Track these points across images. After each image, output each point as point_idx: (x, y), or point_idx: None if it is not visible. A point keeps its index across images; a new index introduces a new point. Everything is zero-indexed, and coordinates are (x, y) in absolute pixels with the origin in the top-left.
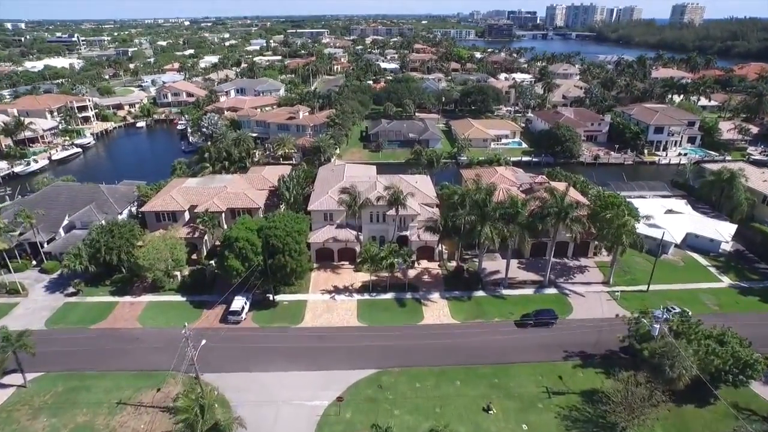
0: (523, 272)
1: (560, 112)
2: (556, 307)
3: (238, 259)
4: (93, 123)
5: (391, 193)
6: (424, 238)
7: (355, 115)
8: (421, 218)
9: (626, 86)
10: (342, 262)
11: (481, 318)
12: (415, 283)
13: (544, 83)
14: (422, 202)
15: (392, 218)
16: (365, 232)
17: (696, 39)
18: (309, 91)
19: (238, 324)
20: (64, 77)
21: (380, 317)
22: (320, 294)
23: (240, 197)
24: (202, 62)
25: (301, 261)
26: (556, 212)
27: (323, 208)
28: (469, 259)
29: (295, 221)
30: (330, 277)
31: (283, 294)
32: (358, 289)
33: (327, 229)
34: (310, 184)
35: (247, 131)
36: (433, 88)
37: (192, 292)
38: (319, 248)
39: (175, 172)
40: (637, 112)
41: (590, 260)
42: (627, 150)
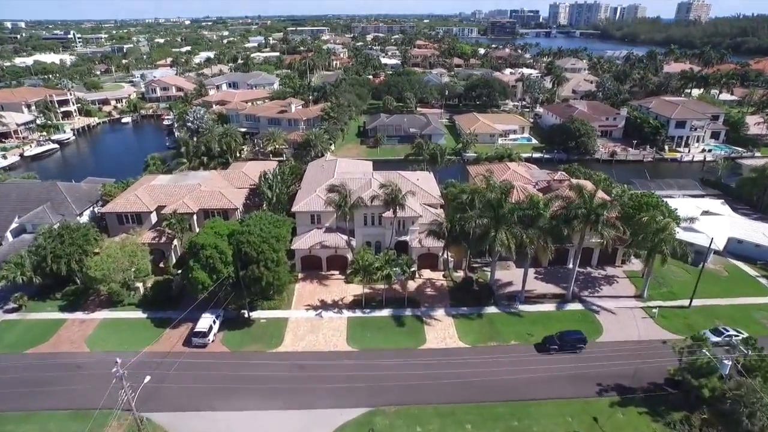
0: (542, 284)
1: (573, 105)
2: (583, 327)
3: (205, 269)
4: (74, 118)
5: (388, 192)
6: (427, 244)
7: (352, 109)
8: (424, 221)
9: (640, 79)
10: (331, 271)
11: (495, 340)
12: (415, 296)
13: (553, 76)
14: (424, 203)
15: (389, 221)
16: (358, 237)
17: (704, 36)
18: (303, 84)
19: (204, 347)
20: (53, 72)
21: (374, 339)
22: (304, 310)
23: (215, 196)
24: (197, 58)
25: (279, 273)
26: (584, 214)
27: (309, 209)
28: (479, 268)
29: (273, 225)
30: (316, 290)
31: (261, 310)
32: (348, 304)
33: (314, 233)
34: (297, 182)
35: (236, 126)
36: (435, 81)
37: (155, 307)
38: (304, 255)
39: (148, 168)
40: (656, 106)
41: (618, 269)
42: (646, 146)
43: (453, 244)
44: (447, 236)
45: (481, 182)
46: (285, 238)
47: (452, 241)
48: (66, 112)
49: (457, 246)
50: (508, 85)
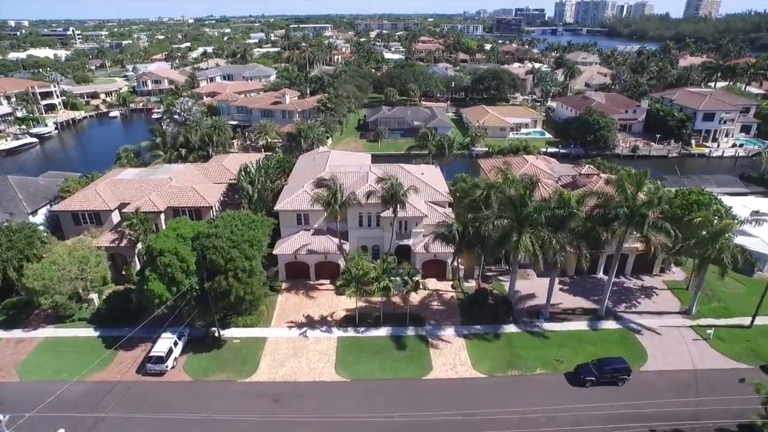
0: (568, 296)
1: (589, 97)
2: (623, 352)
3: (163, 280)
4: (58, 111)
5: (387, 187)
6: (434, 249)
7: (351, 101)
8: (429, 222)
9: (658, 71)
10: (320, 280)
11: (516, 368)
12: (419, 312)
13: (565, 68)
14: (430, 200)
15: (389, 222)
16: (352, 241)
17: (715, 32)
18: (299, 75)
19: (161, 375)
20: (44, 67)
21: (368, 367)
22: (286, 328)
23: (186, 193)
24: (194, 53)
25: (252, 285)
26: (627, 214)
27: (295, 207)
28: (493, 277)
29: (248, 226)
30: (302, 303)
31: (235, 327)
32: (339, 320)
33: (300, 236)
34: (285, 177)
35: (227, 119)
36: (441, 73)
37: (110, 323)
38: (289, 262)
39: (119, 160)
40: (681, 97)
41: (656, 279)
42: (670, 140)
43: (465, 249)
44: (458, 240)
45: (497, 176)
46: (262, 243)
47: (465, 246)
48: (50, 105)
49: (470, 252)
50: (518, 77)
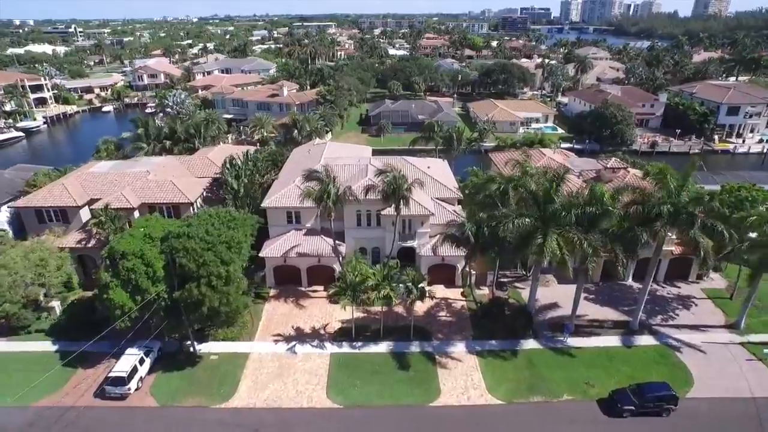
0: (594, 306)
1: (604, 90)
2: (663, 373)
3: (126, 287)
4: (49, 105)
5: (388, 180)
6: (442, 251)
7: (353, 94)
8: (437, 221)
9: (675, 65)
10: (313, 286)
11: (539, 393)
12: (425, 324)
13: (576, 62)
14: (437, 197)
15: (390, 221)
16: (349, 242)
17: (726, 29)
18: (299, 67)
19: (122, 399)
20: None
21: (366, 390)
22: (272, 341)
23: (164, 188)
24: (195, 49)
25: (229, 294)
26: (671, 212)
27: (284, 204)
28: (509, 284)
29: (227, 225)
30: (292, 313)
31: (214, 341)
32: (333, 334)
33: (291, 236)
34: (276, 171)
35: (222, 112)
36: (447, 67)
37: (71, 336)
38: (277, 265)
39: (98, 153)
40: (702, 90)
41: (693, 286)
42: (691, 136)
43: (479, 253)
44: (473, 242)
45: (514, 170)
46: (241, 244)
47: (479, 249)
48: (40, 99)
49: (484, 256)
50: (528, 71)
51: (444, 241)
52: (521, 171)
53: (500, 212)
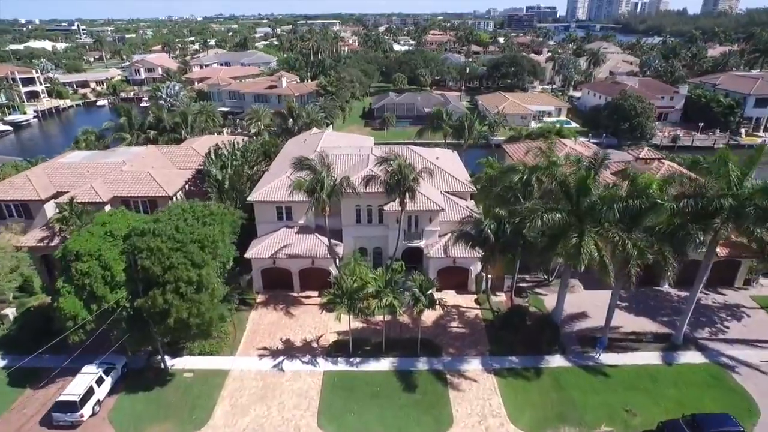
0: (627, 315)
1: (620, 82)
2: (721, 400)
3: (81, 294)
4: (42, 99)
5: (393, 169)
6: (454, 253)
7: (355, 85)
8: (447, 217)
9: (692, 57)
10: (306, 291)
11: (572, 423)
12: (434, 336)
13: (589, 55)
14: (447, 191)
15: (394, 217)
16: (348, 241)
17: (737, 26)
18: (299, 59)
19: (74, 428)
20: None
21: (364, 418)
22: (256, 356)
23: (140, 180)
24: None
25: (201, 303)
26: (733, 206)
27: (274, 197)
28: (529, 290)
29: (201, 221)
30: (280, 322)
31: (190, 355)
32: (327, 348)
33: (281, 235)
34: (268, 162)
35: (218, 105)
36: (454, 60)
37: (24, 348)
38: (266, 268)
39: (76, 144)
40: (726, 81)
41: (741, 293)
42: (715, 130)
43: (500, 254)
44: (492, 242)
45: (536, 159)
46: (217, 244)
47: (499, 250)
48: (32, 93)
49: (504, 258)
50: (539, 64)
51: (457, 240)
52: (546, 160)
53: (526, 207)
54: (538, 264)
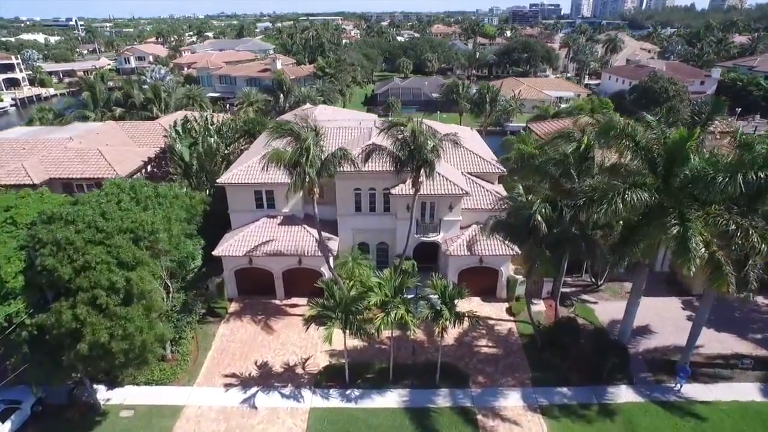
0: (707, 332)
1: (646, 65)
2: None
3: None
4: (22, 87)
5: (403, 137)
6: (481, 249)
7: (356, 69)
8: (472, 204)
9: (718, 42)
10: (293, 299)
11: None
12: (457, 359)
13: (606, 40)
14: (470, 171)
15: (405, 202)
16: (345, 235)
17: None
18: (296, 42)
19: None
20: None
21: None
22: (221, 387)
23: (87, 159)
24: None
25: (130, 320)
26: None
27: (250, 179)
28: (574, 298)
29: (143, 204)
30: (256, 339)
31: (133, 385)
32: (317, 375)
33: (260, 227)
34: (250, 142)
35: (208, 90)
36: (462, 47)
37: None
38: (241, 268)
39: (30, 123)
40: (765, 63)
41: None
42: (754, 115)
43: (551, 250)
44: (542, 234)
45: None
46: (158, 236)
47: (551, 244)
48: (12, 81)
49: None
50: (552, 49)
51: (494, 230)
52: (601, 131)
53: (591, 184)
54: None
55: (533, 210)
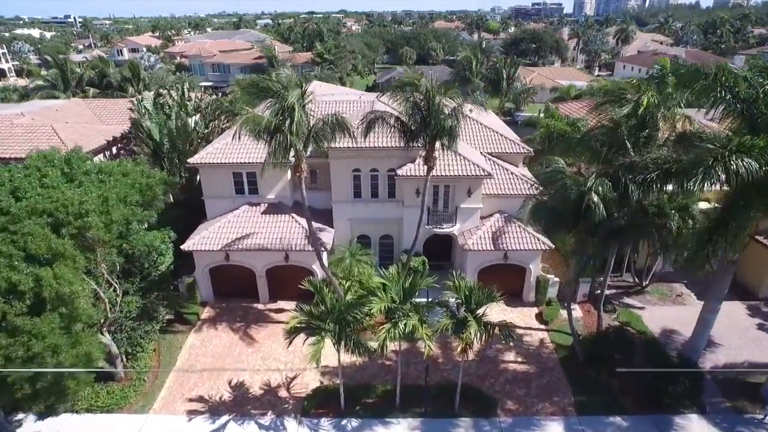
0: None
1: (664, 53)
2: None
3: None
4: (8, 77)
5: (414, 100)
6: (507, 242)
7: (357, 57)
8: (492, 189)
9: (737, 32)
10: (279, 302)
11: None
12: (480, 379)
13: (618, 30)
14: (490, 151)
15: (414, 186)
16: (341, 226)
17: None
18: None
19: None
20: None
21: None
22: (183, 415)
23: (35, 136)
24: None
25: (37, 338)
26: None
27: (228, 158)
28: (616, 302)
29: (80, 179)
30: (232, 352)
31: (71, 413)
32: (303, 400)
33: (240, 216)
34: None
35: (200, 79)
36: (468, 38)
37: None
38: (216, 265)
39: None
40: None
41: None
42: None
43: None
44: (602, 217)
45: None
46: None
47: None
48: None
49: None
50: (562, 39)
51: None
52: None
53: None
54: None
55: (588, 187)
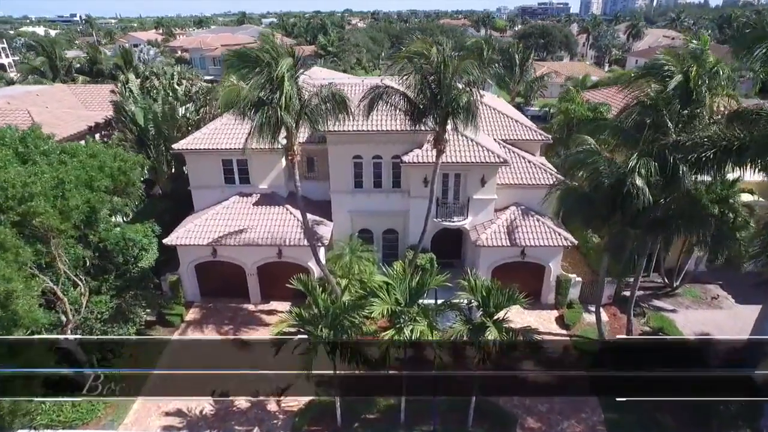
0: None
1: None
2: None
3: None
4: (8, 71)
5: (425, 71)
6: (525, 237)
7: (361, 50)
8: (509, 179)
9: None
10: (272, 303)
11: None
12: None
13: (629, 26)
14: (506, 138)
15: (421, 174)
16: (340, 219)
17: None
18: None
19: None
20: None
21: None
22: (157, 431)
23: (9, 120)
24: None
25: None
26: None
27: (215, 144)
28: (644, 305)
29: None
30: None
31: (28, 429)
32: (294, 416)
33: (229, 208)
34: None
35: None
36: (476, 34)
37: None
38: (203, 262)
39: None
40: None
41: None
42: None
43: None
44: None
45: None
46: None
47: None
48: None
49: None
50: (571, 33)
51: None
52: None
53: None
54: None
55: (630, 167)
